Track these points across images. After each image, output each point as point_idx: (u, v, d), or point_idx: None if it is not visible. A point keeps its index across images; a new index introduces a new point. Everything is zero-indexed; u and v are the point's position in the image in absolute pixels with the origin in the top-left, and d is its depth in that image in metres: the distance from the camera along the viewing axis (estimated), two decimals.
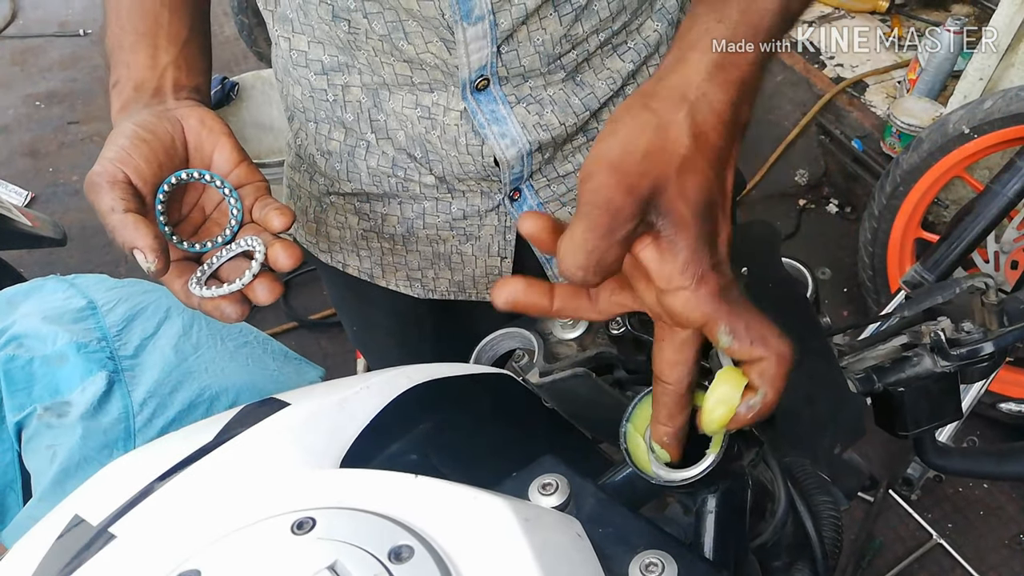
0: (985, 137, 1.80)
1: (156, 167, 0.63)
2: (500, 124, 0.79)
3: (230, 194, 0.66)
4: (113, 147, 0.62)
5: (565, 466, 0.49)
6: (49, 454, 0.99)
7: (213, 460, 0.47)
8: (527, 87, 0.78)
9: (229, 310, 0.61)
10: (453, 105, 0.78)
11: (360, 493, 0.40)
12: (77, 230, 2.90)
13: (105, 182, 0.60)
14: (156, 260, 0.57)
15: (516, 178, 0.85)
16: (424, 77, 0.76)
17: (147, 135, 0.63)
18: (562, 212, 0.90)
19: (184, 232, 0.67)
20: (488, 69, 0.74)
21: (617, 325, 0.67)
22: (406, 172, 0.86)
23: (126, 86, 0.70)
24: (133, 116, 0.66)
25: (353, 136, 0.85)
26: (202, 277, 0.63)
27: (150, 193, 0.62)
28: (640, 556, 0.42)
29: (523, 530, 0.37)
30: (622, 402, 0.62)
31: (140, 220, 0.58)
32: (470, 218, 0.90)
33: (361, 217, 0.93)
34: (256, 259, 0.61)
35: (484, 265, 0.95)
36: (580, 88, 0.80)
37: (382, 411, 0.51)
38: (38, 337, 1.05)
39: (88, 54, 4.06)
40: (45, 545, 0.45)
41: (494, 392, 0.64)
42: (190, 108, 0.68)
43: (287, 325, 2.58)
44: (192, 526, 0.40)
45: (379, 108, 0.81)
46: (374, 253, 0.97)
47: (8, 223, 1.86)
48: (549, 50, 0.75)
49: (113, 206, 0.59)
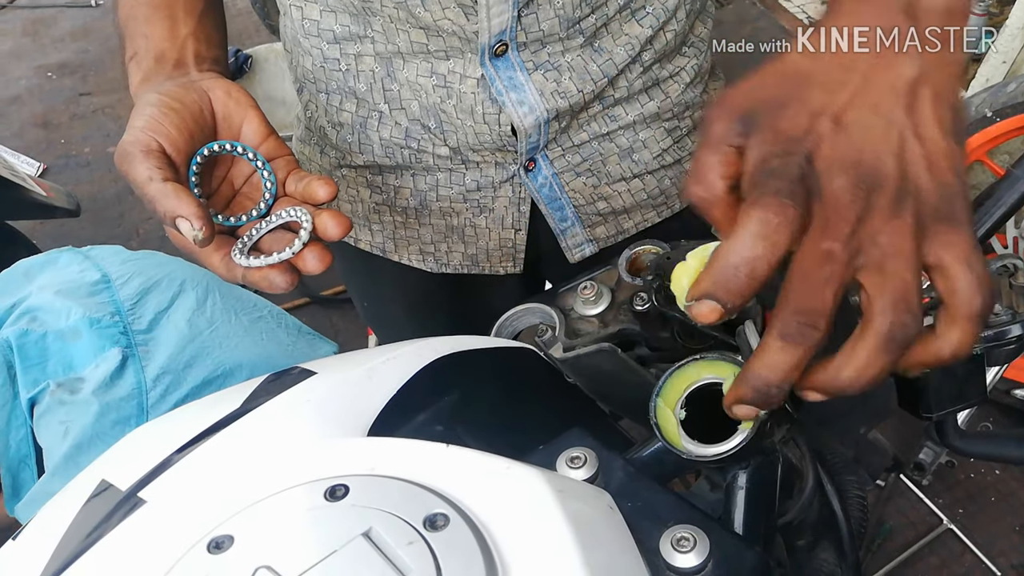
0: (1008, 121, 1.78)
1: (188, 137, 0.62)
2: (518, 91, 0.78)
3: (263, 167, 0.65)
4: (142, 117, 0.61)
5: (593, 439, 0.49)
6: (62, 430, 0.99)
7: (241, 427, 0.47)
8: (545, 53, 0.77)
9: (279, 280, 0.60)
10: (470, 72, 0.77)
11: (393, 461, 0.39)
12: (88, 202, 2.91)
13: (139, 151, 0.58)
14: (203, 227, 0.56)
15: (532, 147, 0.84)
16: (440, 44, 0.76)
17: (176, 104, 0.62)
18: (576, 182, 0.90)
19: (216, 206, 0.66)
20: (508, 34, 0.74)
21: (642, 301, 0.66)
22: (419, 143, 0.85)
23: (145, 58, 0.69)
24: (157, 87, 0.65)
25: (365, 107, 0.84)
26: (243, 248, 0.62)
27: (183, 164, 0.61)
28: (671, 530, 0.41)
29: (558, 501, 0.36)
30: (647, 379, 0.62)
31: (181, 189, 0.57)
32: (484, 189, 0.89)
33: (373, 190, 0.93)
34: (305, 228, 0.60)
35: (498, 238, 0.94)
36: (598, 54, 0.80)
37: (409, 381, 0.51)
38: (52, 311, 1.05)
39: (100, 25, 4.05)
40: (73, 510, 0.45)
41: (518, 366, 0.64)
42: (214, 80, 0.67)
43: (299, 301, 2.59)
44: (222, 492, 0.40)
45: (392, 78, 0.80)
46: (386, 227, 0.96)
47: (23, 192, 1.86)
48: (569, 13, 0.74)
49: (151, 175, 0.57)
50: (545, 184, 0.88)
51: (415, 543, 0.34)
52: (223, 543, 0.36)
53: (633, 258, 0.72)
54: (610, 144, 0.88)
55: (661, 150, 0.91)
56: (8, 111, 3.56)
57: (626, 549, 0.38)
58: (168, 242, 0.64)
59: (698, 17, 0.88)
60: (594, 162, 0.89)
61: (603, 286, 0.70)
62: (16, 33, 4.06)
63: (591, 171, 0.89)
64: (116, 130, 3.39)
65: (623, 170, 0.91)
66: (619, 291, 0.71)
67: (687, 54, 0.88)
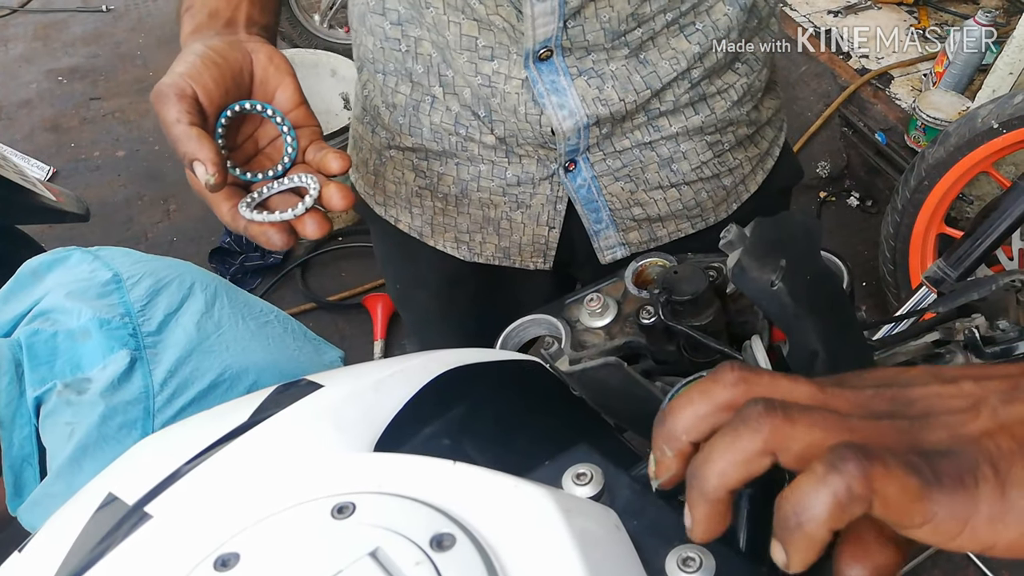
0: (1014, 133, 1.77)
1: (222, 91, 0.65)
2: (559, 95, 0.79)
3: (288, 131, 0.68)
4: (184, 63, 0.65)
5: (599, 455, 0.49)
6: (67, 431, 0.99)
7: (248, 440, 0.47)
8: (590, 60, 0.78)
9: (276, 237, 0.64)
10: (515, 73, 0.79)
11: (399, 478, 0.39)
12: (97, 206, 2.92)
13: (173, 94, 0.62)
14: (216, 173, 0.60)
15: (572, 150, 0.85)
16: (489, 40, 0.77)
17: (218, 59, 0.66)
18: (614, 186, 0.90)
19: (236, 160, 0.69)
20: (553, 41, 0.75)
21: (648, 314, 0.66)
22: (467, 130, 0.87)
23: (201, 11, 0.73)
24: (205, 40, 0.69)
25: (419, 90, 0.86)
26: (251, 203, 0.65)
27: (213, 114, 0.65)
28: (677, 550, 0.41)
29: (565, 521, 0.36)
30: (653, 393, 0.62)
31: (203, 134, 0.61)
32: (523, 184, 0.90)
33: (418, 174, 0.95)
34: (310, 194, 0.64)
35: (532, 233, 0.96)
36: (643, 66, 0.80)
37: (416, 395, 0.51)
38: (64, 311, 1.06)
39: (111, 30, 4.06)
40: (80, 523, 0.45)
41: (524, 379, 0.64)
42: (259, 43, 0.71)
43: (305, 306, 2.59)
44: (229, 507, 0.40)
45: (448, 64, 0.82)
46: (426, 211, 0.98)
47: (33, 197, 1.86)
48: (615, 27, 0.75)
49: (179, 117, 0.61)
50: (584, 185, 0.89)
51: (421, 563, 0.34)
52: (229, 561, 0.36)
53: (640, 270, 0.72)
54: (651, 152, 0.89)
55: (701, 162, 0.91)
56: (19, 115, 3.58)
57: (632, 569, 0.38)
58: (174, 249, 0.66)
59: (757, 35, 0.88)
60: (633, 168, 0.89)
61: (609, 298, 0.70)
62: (27, 37, 4.07)
63: (630, 177, 0.90)
64: (126, 134, 3.41)
65: (661, 179, 0.91)
66: (625, 303, 0.71)
67: (739, 71, 0.88)
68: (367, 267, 2.71)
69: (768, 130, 0.98)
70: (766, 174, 1.00)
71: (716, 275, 0.65)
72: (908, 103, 2.54)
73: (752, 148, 0.96)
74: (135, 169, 3.23)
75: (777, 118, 1.00)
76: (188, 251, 2.74)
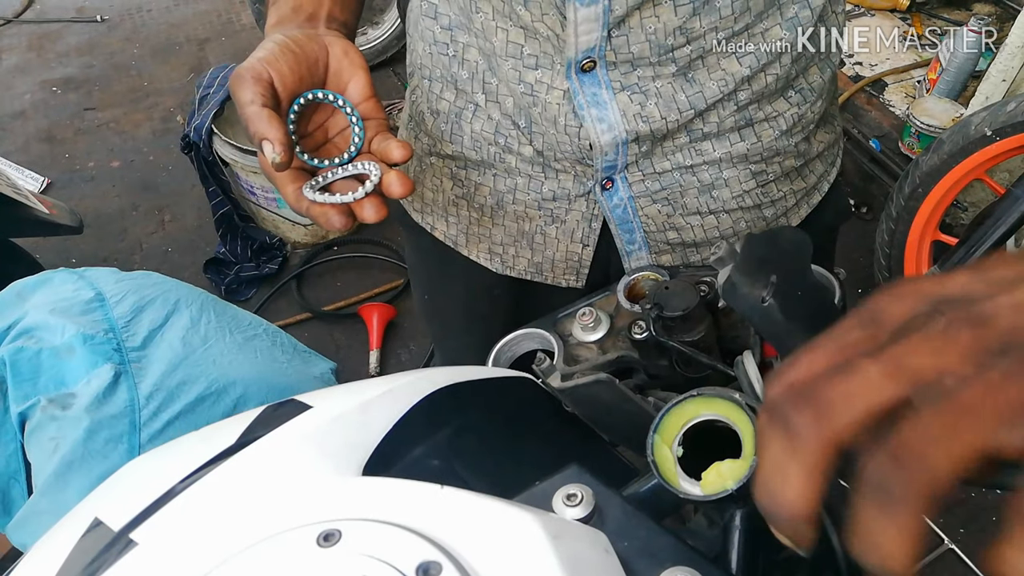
0: (1007, 140, 1.78)
1: (297, 79, 0.69)
2: (600, 108, 0.79)
3: (356, 122, 0.71)
4: (264, 50, 0.69)
5: (590, 475, 0.49)
6: (51, 446, 0.99)
7: (235, 464, 0.47)
8: (634, 76, 0.77)
9: (336, 219, 0.67)
10: (557, 84, 0.78)
11: (386, 504, 0.39)
12: (92, 217, 2.92)
13: (250, 76, 0.66)
14: (283, 152, 0.63)
15: (609, 166, 0.84)
16: (535, 48, 0.77)
17: (296, 49, 0.70)
18: (651, 208, 0.88)
19: (306, 146, 0.73)
20: (596, 52, 0.74)
21: (640, 329, 0.66)
22: (507, 140, 0.87)
23: (285, 5, 0.77)
24: (286, 31, 0.72)
25: (463, 98, 0.87)
26: (316, 186, 0.69)
27: (286, 100, 0.69)
28: (668, 573, 0.41)
29: (553, 548, 0.36)
30: (645, 409, 0.62)
31: (274, 115, 0.64)
32: (559, 200, 0.90)
33: (456, 183, 0.95)
34: (372, 180, 0.67)
35: (565, 250, 0.95)
36: (689, 85, 0.78)
37: (405, 415, 0.51)
38: (47, 329, 1.05)
39: (105, 40, 4.07)
40: (65, 549, 0.44)
41: (516, 396, 0.63)
42: (337, 38, 0.74)
43: (300, 316, 2.58)
44: (215, 534, 0.39)
45: (492, 72, 0.83)
46: (462, 221, 0.99)
47: (26, 211, 1.86)
48: (661, 40, 0.74)
49: (253, 99, 0.65)
50: (620, 205, 0.88)
51: None
52: None
53: (632, 284, 0.71)
54: (692, 177, 0.86)
55: (743, 191, 0.89)
56: (13, 126, 3.57)
57: None
58: (168, 259, 0.67)
59: (814, 64, 0.85)
60: (672, 192, 0.87)
61: (602, 312, 0.70)
62: (21, 48, 4.07)
63: (668, 200, 0.88)
64: (120, 145, 3.41)
65: (700, 204, 0.89)
66: (618, 317, 0.70)
67: (791, 100, 0.85)
68: (363, 277, 2.71)
69: (818, 164, 0.95)
70: (811, 209, 0.98)
71: (707, 290, 0.65)
72: (902, 110, 2.54)
73: (799, 181, 0.93)
74: (130, 180, 3.22)
75: (830, 153, 0.97)
76: (183, 262, 2.74)
